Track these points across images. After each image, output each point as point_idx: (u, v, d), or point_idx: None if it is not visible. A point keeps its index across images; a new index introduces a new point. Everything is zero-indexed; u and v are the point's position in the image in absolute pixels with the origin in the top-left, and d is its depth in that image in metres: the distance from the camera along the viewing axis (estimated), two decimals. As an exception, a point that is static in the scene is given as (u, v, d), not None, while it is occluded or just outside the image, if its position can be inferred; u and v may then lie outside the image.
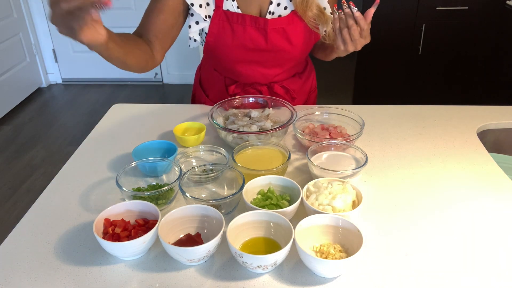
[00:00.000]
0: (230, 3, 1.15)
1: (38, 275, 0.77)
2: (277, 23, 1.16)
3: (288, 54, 1.22)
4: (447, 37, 2.83)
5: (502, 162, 1.13)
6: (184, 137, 1.12)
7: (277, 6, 1.16)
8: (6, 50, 3.46)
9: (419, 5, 2.73)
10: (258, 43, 1.18)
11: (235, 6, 1.16)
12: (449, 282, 0.75)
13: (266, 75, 1.27)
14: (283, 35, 1.17)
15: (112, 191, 0.98)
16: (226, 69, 1.29)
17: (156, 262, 0.80)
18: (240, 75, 1.27)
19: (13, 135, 3.20)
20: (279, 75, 1.29)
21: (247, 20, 1.16)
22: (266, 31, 1.16)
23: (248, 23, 1.16)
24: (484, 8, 2.72)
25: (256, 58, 1.22)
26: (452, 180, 1.01)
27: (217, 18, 1.17)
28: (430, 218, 0.89)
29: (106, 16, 0.88)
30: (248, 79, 1.28)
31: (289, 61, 1.26)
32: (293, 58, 1.25)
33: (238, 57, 1.21)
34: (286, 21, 1.16)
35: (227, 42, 1.18)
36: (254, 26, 1.16)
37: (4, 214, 2.38)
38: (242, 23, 1.16)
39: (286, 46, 1.19)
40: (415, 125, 1.23)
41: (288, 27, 1.17)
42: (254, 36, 1.17)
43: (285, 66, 1.27)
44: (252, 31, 1.16)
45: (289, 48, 1.20)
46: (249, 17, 1.16)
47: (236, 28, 1.16)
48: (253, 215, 0.82)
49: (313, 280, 0.75)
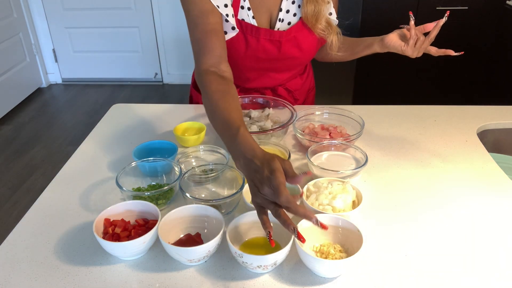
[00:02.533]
0: (246, 12, 1.13)
1: (38, 275, 0.77)
2: (290, 33, 1.16)
3: (298, 60, 1.22)
4: (447, 37, 2.83)
5: (502, 162, 1.13)
6: (184, 137, 1.12)
7: (287, 13, 1.16)
8: (6, 50, 3.46)
9: (419, 5, 2.73)
10: (270, 53, 1.18)
11: (251, 16, 1.13)
12: (449, 282, 0.75)
13: (276, 79, 1.28)
14: (295, 43, 1.17)
15: (112, 191, 0.98)
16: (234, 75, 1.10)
17: (156, 262, 0.80)
18: (249, 81, 1.27)
19: (13, 135, 3.20)
20: (286, 79, 1.29)
21: (262, 33, 1.14)
22: (280, 42, 1.16)
23: (263, 36, 1.15)
24: (484, 8, 2.72)
25: (267, 66, 1.22)
26: (452, 180, 1.01)
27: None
28: (430, 218, 0.89)
29: (107, 16, 0.88)
30: (256, 84, 1.28)
31: (298, 66, 1.27)
32: (303, 63, 1.27)
33: (250, 66, 1.21)
34: (296, 28, 1.16)
35: (240, 53, 1.17)
36: (268, 38, 1.15)
37: (4, 214, 2.38)
38: (256, 35, 1.15)
39: (296, 53, 1.19)
40: (415, 125, 1.23)
41: (298, 34, 1.17)
42: (268, 48, 1.17)
43: (294, 70, 1.28)
44: (266, 43, 1.16)
45: (300, 55, 1.20)
46: (263, 30, 1.14)
47: (251, 39, 1.15)
48: (253, 215, 0.81)
49: (313, 280, 0.75)
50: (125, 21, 3.79)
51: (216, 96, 0.91)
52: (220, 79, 0.98)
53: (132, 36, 3.86)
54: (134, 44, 3.89)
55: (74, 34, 3.88)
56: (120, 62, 3.98)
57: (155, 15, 3.74)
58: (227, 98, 0.91)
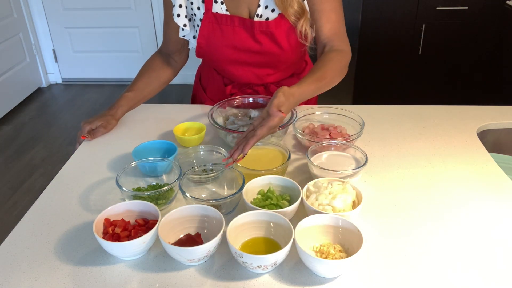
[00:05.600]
0: (219, 6, 1.17)
1: (38, 275, 0.77)
2: (263, 26, 1.16)
3: (279, 57, 1.22)
4: (447, 37, 2.83)
5: (502, 162, 1.13)
6: (184, 137, 1.12)
7: (265, 9, 1.16)
8: (6, 50, 3.46)
9: (419, 5, 2.73)
10: (247, 44, 1.19)
11: (224, 9, 1.17)
12: (449, 282, 0.75)
13: (259, 75, 1.28)
14: (272, 39, 1.17)
15: (112, 191, 0.98)
16: (220, 69, 1.31)
17: (156, 262, 0.80)
18: (234, 75, 1.29)
19: (13, 135, 3.20)
20: (272, 75, 1.29)
21: (236, 21, 1.17)
22: (253, 32, 1.17)
23: (237, 24, 1.17)
24: (484, 8, 2.72)
25: (248, 59, 1.22)
26: (452, 180, 1.01)
27: (207, 21, 1.18)
28: (430, 218, 0.89)
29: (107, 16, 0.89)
30: (242, 79, 1.29)
31: (281, 63, 1.26)
32: (286, 61, 1.25)
33: (230, 57, 1.22)
34: (274, 24, 1.16)
35: (218, 43, 1.20)
36: (242, 27, 1.17)
37: (4, 214, 2.38)
38: (231, 24, 1.17)
39: (275, 49, 1.19)
40: (415, 125, 1.23)
41: (276, 30, 1.16)
42: (243, 37, 1.18)
43: (278, 67, 1.27)
44: (241, 31, 1.18)
45: (279, 52, 1.20)
46: (237, 18, 1.17)
47: (225, 29, 1.18)
48: (253, 215, 0.82)
49: (313, 280, 0.75)
50: (125, 21, 3.79)
51: (144, 67, 1.32)
52: (161, 58, 1.32)
53: (132, 36, 3.86)
54: (134, 44, 3.89)
55: (74, 34, 3.88)
56: (120, 62, 3.98)
57: (155, 15, 3.74)
58: (147, 71, 1.30)
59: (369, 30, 2.78)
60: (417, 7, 2.74)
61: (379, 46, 2.83)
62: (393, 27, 2.80)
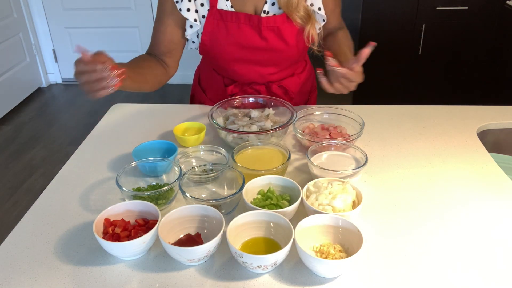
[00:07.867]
0: (224, 2, 1.16)
1: (38, 275, 0.77)
2: (270, 21, 1.16)
3: (284, 53, 1.22)
4: (447, 37, 2.83)
5: (502, 162, 1.13)
6: (184, 137, 1.12)
7: (272, 6, 1.16)
8: (6, 50, 3.46)
9: (419, 5, 2.72)
10: (253, 41, 1.18)
11: (229, 6, 1.16)
12: (449, 282, 0.75)
13: (262, 74, 1.27)
14: (278, 35, 1.17)
15: (112, 191, 0.98)
16: (223, 68, 1.29)
17: (156, 262, 0.80)
18: (237, 74, 1.28)
19: (13, 135, 3.20)
20: (275, 74, 1.29)
21: (241, 18, 1.16)
22: (260, 29, 1.16)
23: (242, 21, 1.16)
24: (484, 8, 2.72)
25: (252, 57, 1.22)
26: (452, 180, 1.01)
27: (211, 17, 1.17)
28: (430, 218, 0.89)
29: (107, 16, 0.90)
30: (245, 79, 1.28)
31: (285, 60, 1.26)
32: (289, 58, 1.26)
33: (234, 55, 1.21)
34: (280, 20, 1.16)
35: (222, 40, 1.19)
36: (248, 24, 1.16)
37: (4, 214, 2.38)
38: (236, 21, 1.16)
39: (281, 45, 1.19)
40: (415, 125, 1.23)
41: (283, 26, 1.16)
42: (249, 34, 1.17)
43: (281, 65, 1.27)
44: (247, 28, 1.17)
45: (285, 48, 1.20)
46: (243, 15, 1.16)
47: (230, 26, 1.17)
48: (253, 215, 0.82)
49: (313, 280, 0.75)
50: (125, 21, 3.79)
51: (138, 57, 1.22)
52: (152, 59, 1.23)
53: (132, 36, 3.85)
54: (134, 44, 3.88)
55: (74, 34, 3.87)
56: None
57: (155, 15, 3.74)
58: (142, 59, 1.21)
59: (369, 30, 2.78)
60: (417, 7, 2.74)
61: (379, 46, 2.83)
62: (393, 27, 2.80)
